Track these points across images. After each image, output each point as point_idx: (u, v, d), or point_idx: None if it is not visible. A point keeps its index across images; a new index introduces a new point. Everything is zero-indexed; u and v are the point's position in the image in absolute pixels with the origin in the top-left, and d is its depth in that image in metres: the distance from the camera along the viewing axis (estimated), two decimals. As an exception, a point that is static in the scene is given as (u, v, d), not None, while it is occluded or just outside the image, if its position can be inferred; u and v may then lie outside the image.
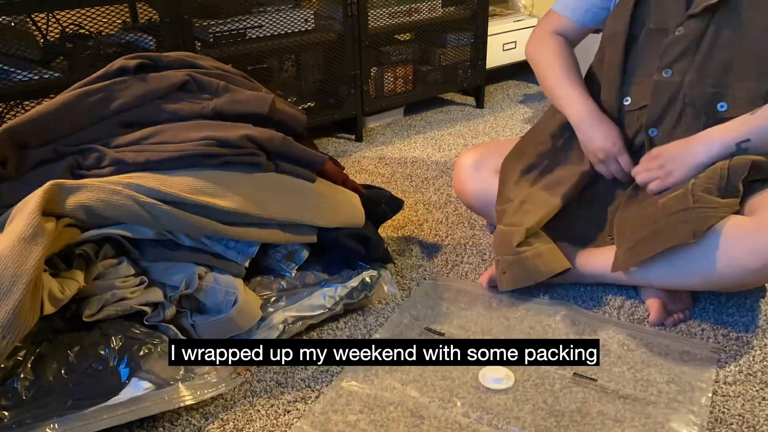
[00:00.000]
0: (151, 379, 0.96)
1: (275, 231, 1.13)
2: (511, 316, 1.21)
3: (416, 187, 1.78)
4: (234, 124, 1.15)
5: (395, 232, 1.54)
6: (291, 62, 2.16)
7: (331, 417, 0.99)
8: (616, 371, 1.06)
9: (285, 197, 1.13)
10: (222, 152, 1.09)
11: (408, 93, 2.28)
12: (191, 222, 1.04)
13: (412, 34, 2.34)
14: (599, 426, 0.95)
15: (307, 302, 1.16)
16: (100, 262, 1.04)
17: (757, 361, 1.09)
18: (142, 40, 1.70)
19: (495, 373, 1.04)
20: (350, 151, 2.06)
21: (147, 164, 1.08)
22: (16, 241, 0.91)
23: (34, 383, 0.93)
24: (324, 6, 2.05)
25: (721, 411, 0.99)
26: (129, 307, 1.03)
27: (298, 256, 1.20)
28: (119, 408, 0.93)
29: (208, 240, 1.10)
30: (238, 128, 1.12)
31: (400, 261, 1.41)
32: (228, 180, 1.09)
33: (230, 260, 1.11)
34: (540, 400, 1.00)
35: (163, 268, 1.08)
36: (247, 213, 1.08)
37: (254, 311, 1.10)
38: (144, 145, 1.12)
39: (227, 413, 1.01)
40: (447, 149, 2.06)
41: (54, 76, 1.55)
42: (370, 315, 1.23)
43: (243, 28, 1.83)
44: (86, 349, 0.97)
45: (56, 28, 1.64)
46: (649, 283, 1.20)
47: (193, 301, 1.08)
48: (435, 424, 0.97)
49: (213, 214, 1.06)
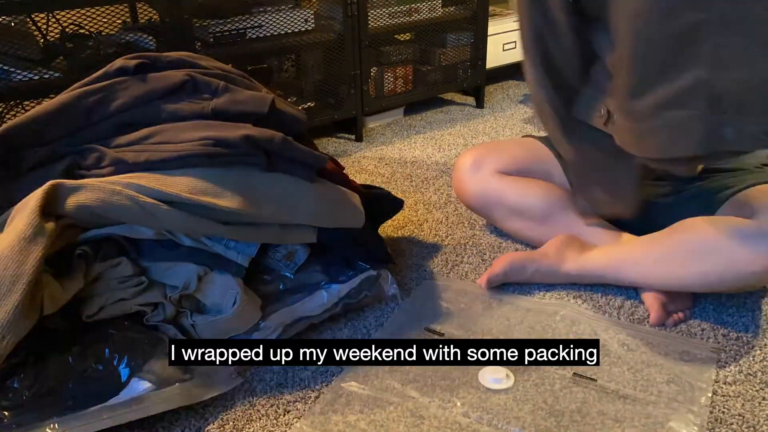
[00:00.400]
0: (151, 379, 0.96)
1: (275, 231, 1.13)
2: (511, 316, 1.21)
3: (416, 187, 1.78)
4: (234, 124, 1.14)
5: (395, 232, 1.54)
6: (291, 62, 2.16)
7: (331, 417, 0.99)
8: (616, 371, 1.06)
9: (285, 197, 1.13)
10: (222, 152, 1.09)
11: (408, 93, 2.28)
12: (191, 221, 1.03)
13: (412, 34, 2.34)
14: (599, 426, 0.95)
15: (307, 302, 1.16)
16: (100, 263, 1.04)
17: (757, 361, 1.09)
18: (142, 40, 1.70)
19: (495, 374, 1.04)
20: (350, 151, 2.06)
21: (147, 164, 1.08)
22: (17, 240, 0.91)
23: (34, 383, 0.93)
24: (324, 6, 2.05)
25: (721, 411, 0.99)
26: (129, 307, 1.03)
27: (299, 256, 1.20)
28: (119, 408, 0.93)
29: (208, 240, 1.10)
30: (238, 128, 1.12)
31: (400, 261, 1.41)
32: (228, 180, 1.09)
33: (230, 260, 1.11)
34: (540, 399, 1.00)
35: (163, 268, 1.08)
36: (247, 213, 1.08)
37: (254, 311, 1.10)
38: (144, 145, 1.12)
39: (227, 413, 1.01)
40: (447, 149, 2.06)
41: (54, 76, 1.55)
42: (370, 315, 1.23)
43: (243, 28, 1.83)
44: (86, 349, 0.97)
45: (56, 28, 1.64)
46: (648, 284, 1.20)
47: (193, 301, 1.08)
48: (435, 424, 0.97)
49: (213, 214, 1.06)
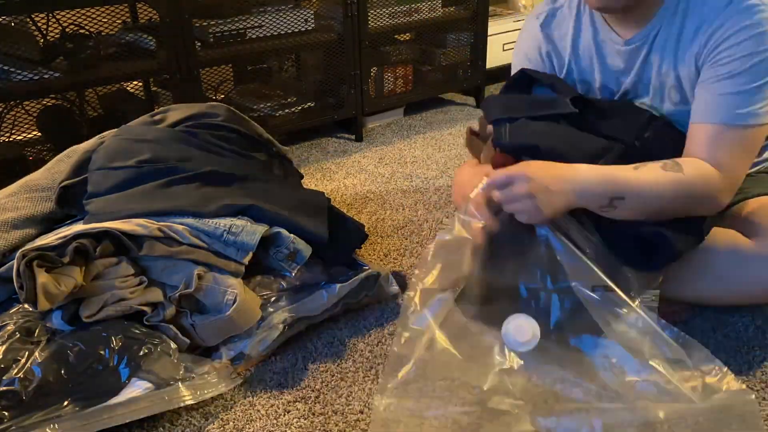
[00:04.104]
0: (151, 379, 0.96)
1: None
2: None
3: (416, 187, 1.78)
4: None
5: (395, 231, 1.54)
6: (291, 62, 2.16)
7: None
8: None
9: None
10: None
11: (408, 93, 2.28)
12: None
13: (412, 34, 2.34)
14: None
15: (307, 302, 1.16)
16: (99, 261, 1.04)
17: (758, 361, 1.09)
18: (142, 40, 1.70)
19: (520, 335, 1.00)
20: (350, 151, 2.06)
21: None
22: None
23: (34, 383, 0.93)
24: (324, 6, 2.05)
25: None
26: (129, 307, 1.03)
27: (300, 256, 1.19)
28: (119, 408, 0.93)
29: (207, 238, 1.10)
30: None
31: (400, 261, 1.41)
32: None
33: (229, 258, 1.11)
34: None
35: (162, 268, 1.08)
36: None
37: (254, 311, 1.10)
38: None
39: (227, 413, 1.01)
40: (447, 149, 2.06)
41: (54, 76, 1.55)
42: (370, 315, 1.23)
43: (243, 28, 1.83)
44: (86, 349, 0.97)
45: (56, 28, 1.64)
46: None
47: (192, 301, 1.08)
48: (435, 425, 0.96)
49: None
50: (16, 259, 0.96)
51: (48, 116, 1.69)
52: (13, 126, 1.66)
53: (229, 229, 1.11)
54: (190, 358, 1.03)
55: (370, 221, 1.59)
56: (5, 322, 1.02)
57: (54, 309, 1.01)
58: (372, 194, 1.74)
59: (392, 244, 1.49)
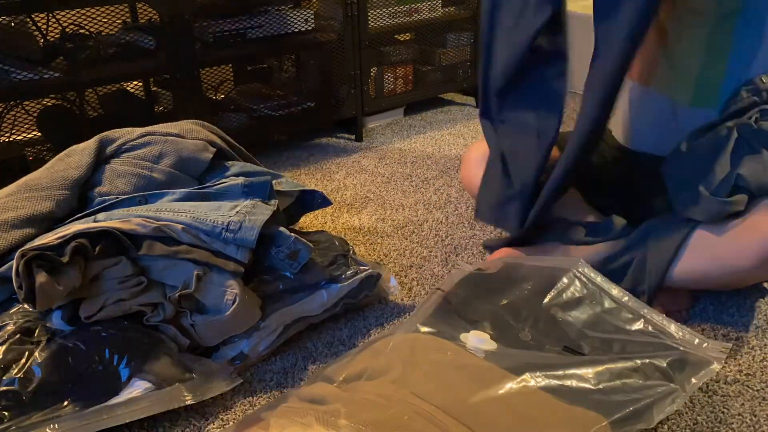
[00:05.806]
0: (151, 379, 0.96)
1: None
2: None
3: (416, 187, 1.78)
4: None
5: (395, 231, 1.54)
6: (291, 62, 2.16)
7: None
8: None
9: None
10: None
11: (408, 93, 2.28)
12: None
13: (412, 34, 2.34)
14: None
15: (307, 302, 1.16)
16: (98, 261, 1.04)
17: (757, 361, 1.09)
18: (142, 40, 1.70)
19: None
20: (350, 151, 2.06)
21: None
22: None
23: (34, 383, 0.93)
24: (324, 6, 2.05)
25: (721, 411, 0.99)
26: (129, 307, 1.03)
27: (302, 255, 1.19)
28: (119, 408, 0.93)
29: (206, 237, 1.10)
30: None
31: (400, 261, 1.41)
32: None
33: (229, 256, 1.11)
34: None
35: (161, 268, 1.08)
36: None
37: (254, 311, 1.10)
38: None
39: (227, 413, 1.01)
40: (447, 149, 2.06)
41: (54, 76, 1.55)
42: (370, 315, 1.23)
43: (243, 28, 1.83)
44: (86, 349, 0.97)
45: (56, 28, 1.64)
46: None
47: (192, 301, 1.08)
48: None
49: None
50: (15, 259, 0.96)
51: (48, 116, 1.69)
52: (13, 126, 1.66)
53: (227, 226, 1.10)
54: (190, 358, 1.03)
55: (370, 221, 1.59)
56: (5, 322, 1.02)
57: (54, 309, 1.01)
58: (372, 194, 1.74)
59: (392, 244, 1.48)
